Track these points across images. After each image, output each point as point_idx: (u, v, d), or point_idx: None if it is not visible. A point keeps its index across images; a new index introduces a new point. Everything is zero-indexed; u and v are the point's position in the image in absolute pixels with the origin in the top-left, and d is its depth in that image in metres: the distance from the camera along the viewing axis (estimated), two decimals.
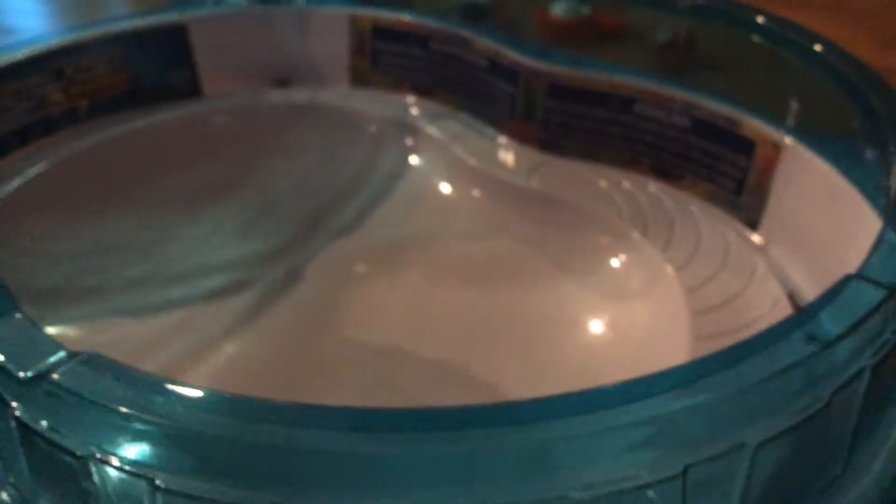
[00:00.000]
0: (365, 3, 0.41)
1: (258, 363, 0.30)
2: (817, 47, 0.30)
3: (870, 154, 0.26)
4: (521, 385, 0.28)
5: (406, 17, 0.39)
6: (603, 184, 0.35)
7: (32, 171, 0.34)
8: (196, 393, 0.16)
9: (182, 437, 0.15)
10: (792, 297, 0.29)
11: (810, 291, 0.29)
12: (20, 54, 0.35)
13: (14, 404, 0.16)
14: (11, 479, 0.18)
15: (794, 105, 0.31)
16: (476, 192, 0.36)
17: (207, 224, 0.36)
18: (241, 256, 0.34)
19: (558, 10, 0.39)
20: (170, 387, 0.16)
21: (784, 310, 0.28)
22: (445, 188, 0.37)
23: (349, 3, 0.41)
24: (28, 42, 0.36)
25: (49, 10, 0.52)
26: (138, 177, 0.36)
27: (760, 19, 0.32)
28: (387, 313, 0.32)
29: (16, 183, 0.34)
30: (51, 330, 0.29)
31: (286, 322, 0.31)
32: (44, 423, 0.16)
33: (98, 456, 0.15)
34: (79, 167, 0.35)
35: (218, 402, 0.16)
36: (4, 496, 0.18)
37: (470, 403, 0.16)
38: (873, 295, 0.18)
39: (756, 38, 0.32)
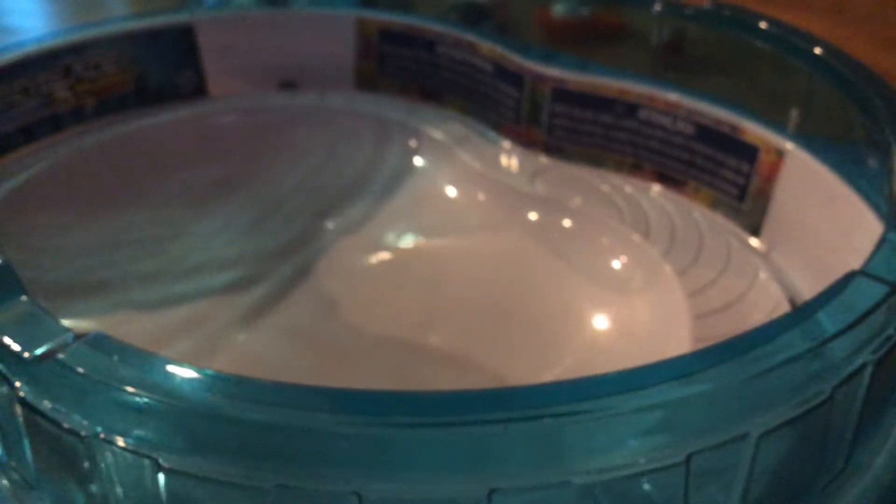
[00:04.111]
0: (370, 5, 0.41)
1: (267, 358, 0.30)
2: (819, 51, 0.30)
3: (871, 159, 0.27)
4: (525, 378, 0.28)
5: (413, 21, 0.40)
6: (606, 188, 0.35)
7: (39, 168, 0.34)
8: (200, 374, 0.16)
9: (186, 418, 0.15)
10: (793, 303, 0.29)
11: (811, 296, 0.29)
12: (28, 51, 0.36)
13: (18, 384, 0.16)
14: (13, 463, 0.18)
15: (796, 110, 0.31)
16: (480, 196, 0.36)
17: (216, 221, 0.36)
18: (249, 253, 0.34)
19: (559, 11, 0.39)
20: (174, 367, 0.16)
21: None
22: (450, 191, 0.37)
23: (356, 6, 0.41)
24: (36, 40, 0.36)
25: (51, 10, 0.53)
26: (146, 174, 0.36)
27: (762, 24, 0.32)
28: (393, 308, 0.32)
29: (23, 179, 0.34)
30: None
31: (294, 317, 0.32)
32: (48, 403, 0.16)
33: (102, 436, 0.15)
34: (86, 164, 0.35)
35: (222, 383, 0.16)
36: (5, 481, 0.18)
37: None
38: (876, 291, 0.18)
39: (757, 43, 0.32)
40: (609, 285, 0.31)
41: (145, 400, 0.15)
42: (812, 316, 0.17)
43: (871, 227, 0.26)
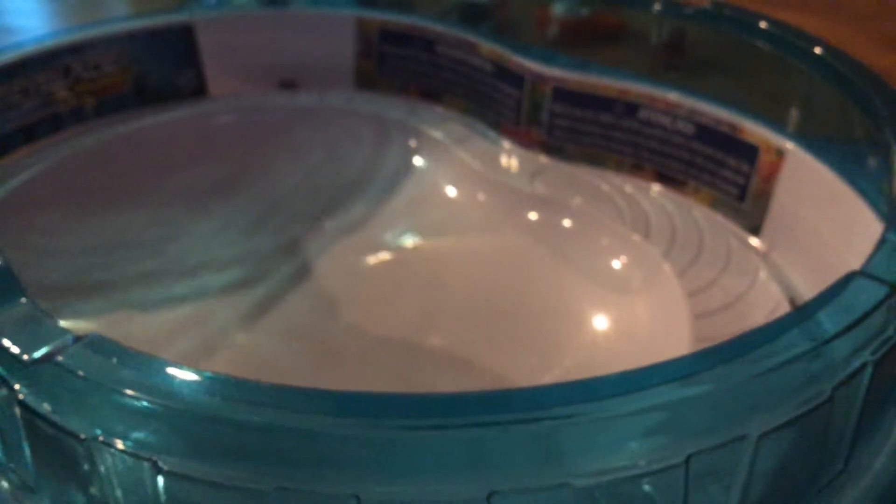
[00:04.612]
0: (370, 4, 0.41)
1: (267, 358, 0.30)
2: (819, 50, 0.30)
3: (872, 158, 0.27)
4: (526, 378, 0.28)
5: (413, 21, 0.39)
6: (606, 188, 0.35)
7: (39, 168, 0.34)
8: (200, 376, 0.16)
9: (186, 420, 0.15)
10: (793, 302, 0.29)
11: (811, 296, 0.29)
12: (27, 52, 0.35)
13: (18, 387, 0.16)
14: (13, 465, 0.18)
15: (796, 109, 0.31)
16: (479, 196, 0.36)
17: (216, 221, 0.36)
18: (249, 253, 0.34)
19: (559, 10, 0.39)
20: (174, 370, 0.16)
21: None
22: (450, 191, 0.37)
23: (356, 6, 0.41)
24: (36, 40, 0.36)
25: (51, 10, 0.53)
26: (146, 174, 0.36)
27: (762, 23, 0.32)
28: (392, 308, 0.32)
29: (23, 179, 0.34)
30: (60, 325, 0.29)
31: (295, 317, 0.31)
32: (47, 405, 0.16)
33: (101, 438, 0.15)
34: (86, 164, 0.35)
35: (222, 385, 0.16)
36: (5, 483, 0.18)
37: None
38: (876, 291, 0.18)
39: (757, 42, 0.32)
40: (609, 285, 0.31)
41: (144, 403, 0.15)
42: (812, 317, 0.17)
43: (871, 227, 0.26)
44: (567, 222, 0.34)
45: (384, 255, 0.34)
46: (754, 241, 0.32)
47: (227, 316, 0.31)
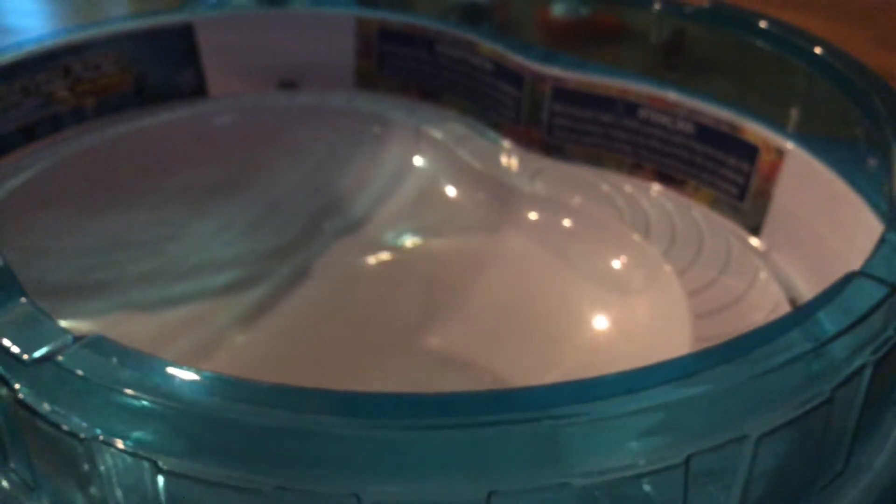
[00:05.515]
0: (369, 4, 0.41)
1: (266, 358, 0.30)
2: (819, 50, 0.30)
3: (872, 158, 0.27)
4: (526, 378, 0.28)
5: (412, 21, 0.40)
6: (606, 188, 0.35)
7: (39, 168, 0.34)
8: (200, 376, 0.16)
9: (186, 420, 0.15)
10: (793, 302, 0.29)
11: (811, 296, 0.29)
12: (27, 52, 0.35)
13: (18, 387, 0.16)
14: (13, 465, 0.18)
15: (796, 109, 0.31)
16: (479, 196, 0.36)
17: (215, 221, 0.36)
18: (249, 253, 0.34)
19: (558, 11, 0.39)
20: (174, 370, 0.16)
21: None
22: (450, 191, 0.37)
23: (356, 5, 0.41)
24: (35, 40, 0.36)
25: (51, 10, 0.53)
26: (145, 174, 0.36)
27: (761, 23, 0.32)
28: (392, 308, 0.32)
29: (22, 180, 0.34)
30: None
31: (294, 317, 0.31)
32: (47, 405, 0.16)
33: (101, 438, 0.15)
34: (86, 164, 0.35)
35: (222, 385, 0.16)
36: (5, 483, 0.18)
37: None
38: (876, 292, 0.18)
39: (757, 42, 0.32)
40: (609, 285, 0.31)
41: (144, 402, 0.15)
42: (811, 317, 0.17)
43: (871, 227, 0.26)
44: (567, 222, 0.34)
45: (384, 256, 0.34)
46: (754, 241, 0.32)
47: (227, 316, 0.31)
